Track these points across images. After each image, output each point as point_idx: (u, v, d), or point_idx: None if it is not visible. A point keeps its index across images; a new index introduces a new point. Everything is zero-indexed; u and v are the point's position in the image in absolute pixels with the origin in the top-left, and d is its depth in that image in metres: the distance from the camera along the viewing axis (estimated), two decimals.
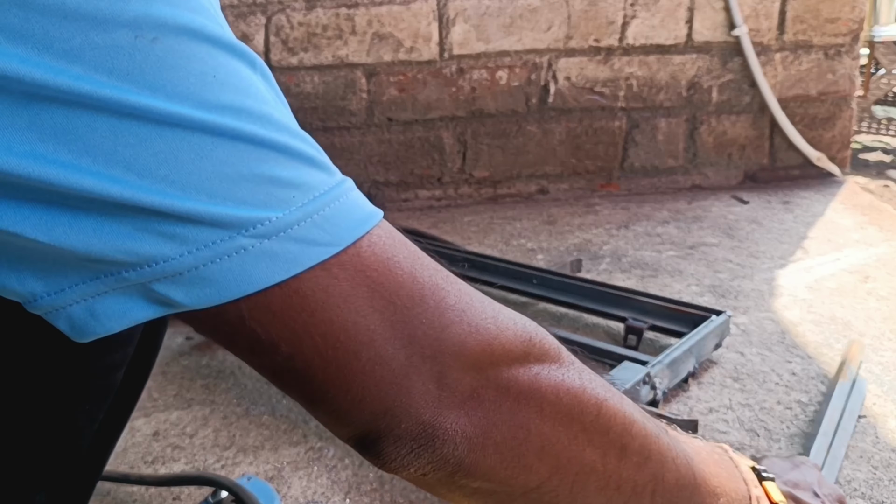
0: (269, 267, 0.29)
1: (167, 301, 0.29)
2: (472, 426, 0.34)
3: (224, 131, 0.28)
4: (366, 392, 0.32)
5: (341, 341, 0.31)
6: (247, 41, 1.71)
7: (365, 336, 0.32)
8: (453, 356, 0.33)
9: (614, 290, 1.13)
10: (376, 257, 0.33)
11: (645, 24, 1.76)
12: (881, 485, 0.76)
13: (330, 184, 0.32)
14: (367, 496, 0.77)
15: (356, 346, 0.32)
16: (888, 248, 1.42)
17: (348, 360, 0.32)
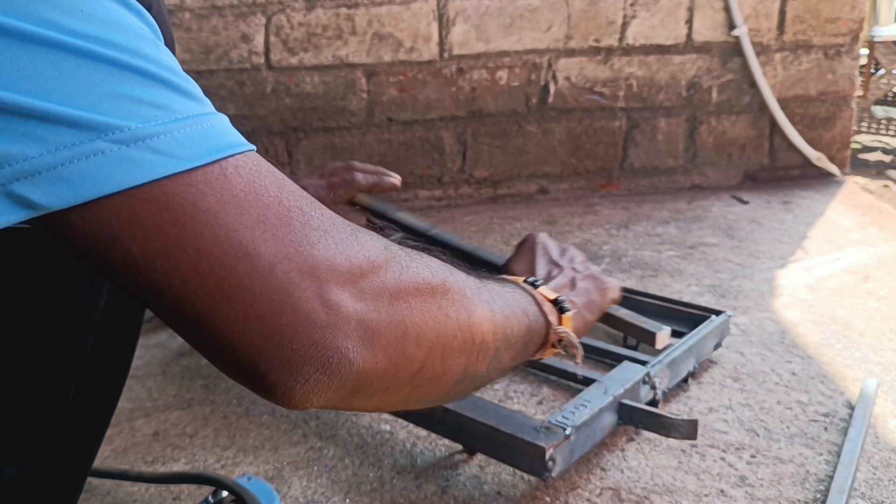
0: (126, 171, 0.31)
1: (28, 202, 0.30)
2: (361, 339, 0.37)
3: (88, 54, 0.31)
4: (249, 310, 0.33)
5: (215, 254, 0.33)
6: (247, 41, 1.71)
7: (239, 249, 0.33)
8: (328, 272, 0.36)
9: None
10: (241, 179, 0.34)
11: (645, 24, 1.76)
12: (881, 485, 0.76)
13: (197, 111, 0.34)
14: (367, 496, 0.77)
15: (231, 260, 0.33)
16: (888, 248, 1.42)
17: (226, 275, 0.33)
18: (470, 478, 0.80)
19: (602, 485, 0.78)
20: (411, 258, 0.44)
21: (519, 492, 0.77)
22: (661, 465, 0.81)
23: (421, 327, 0.42)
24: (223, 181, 0.34)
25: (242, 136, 0.37)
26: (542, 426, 0.74)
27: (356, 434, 0.88)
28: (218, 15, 1.69)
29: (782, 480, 0.77)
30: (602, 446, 0.84)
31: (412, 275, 0.42)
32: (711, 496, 0.75)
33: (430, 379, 0.44)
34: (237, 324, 0.34)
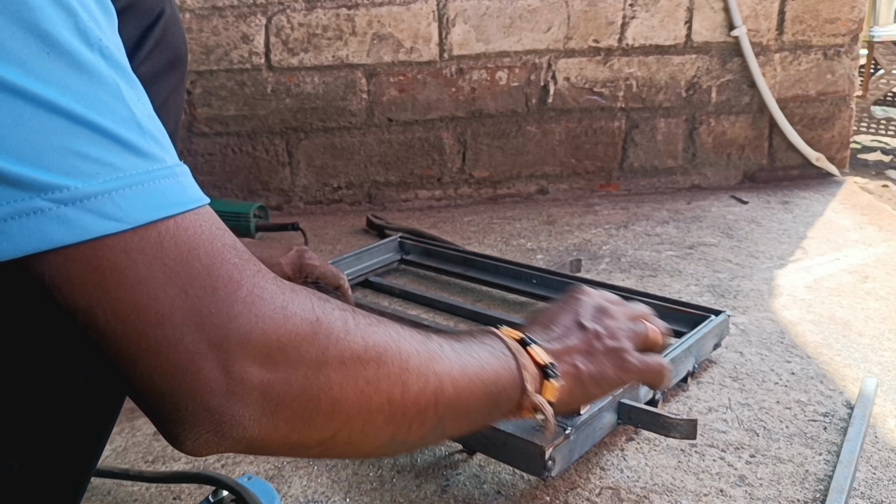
0: (62, 230, 0.32)
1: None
2: (261, 410, 0.38)
3: (44, 103, 0.31)
4: (153, 371, 0.36)
5: (131, 319, 0.35)
6: (247, 41, 1.71)
7: (154, 318, 0.35)
8: (239, 345, 0.37)
9: (614, 290, 1.13)
10: (176, 246, 0.36)
11: (644, 24, 1.76)
12: (881, 484, 0.76)
13: (141, 168, 0.35)
14: (367, 496, 0.78)
15: (144, 326, 0.35)
16: (887, 248, 1.42)
17: (136, 339, 0.35)
18: (470, 477, 0.80)
19: (601, 484, 0.78)
20: (348, 329, 0.43)
21: (518, 491, 0.77)
22: (660, 464, 0.81)
23: (338, 400, 0.42)
24: (156, 249, 0.35)
25: (197, 191, 0.38)
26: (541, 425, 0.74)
27: None
28: (218, 15, 1.69)
29: (781, 480, 0.77)
30: (601, 446, 0.84)
31: (341, 348, 0.42)
32: (711, 496, 0.75)
33: (344, 444, 0.44)
34: (142, 379, 0.36)
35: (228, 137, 1.77)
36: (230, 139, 1.77)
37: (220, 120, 1.75)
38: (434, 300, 1.21)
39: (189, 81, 1.71)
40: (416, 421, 0.48)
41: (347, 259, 1.31)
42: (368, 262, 1.36)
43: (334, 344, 0.42)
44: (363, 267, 1.34)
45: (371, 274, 1.33)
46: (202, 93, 1.73)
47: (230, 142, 1.77)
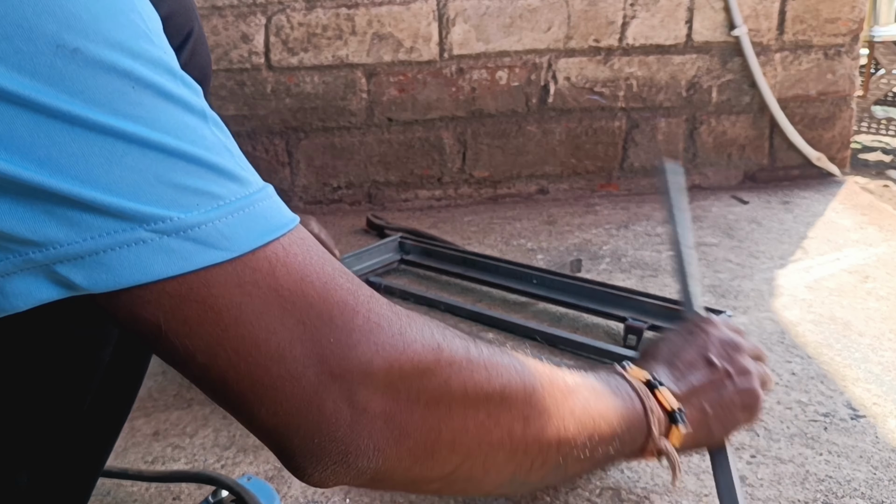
0: (165, 261, 0.32)
1: (68, 283, 0.31)
2: (385, 440, 0.37)
3: (135, 139, 0.31)
4: (278, 407, 0.35)
5: (253, 356, 0.34)
6: (247, 41, 1.71)
7: (276, 352, 0.34)
8: (361, 375, 0.36)
9: (614, 290, 1.13)
10: (289, 274, 0.35)
11: (645, 24, 1.76)
12: (881, 485, 0.76)
13: (240, 194, 0.34)
14: (366, 496, 0.77)
15: (267, 362, 0.34)
16: (888, 248, 1.42)
17: (260, 376, 0.34)
18: None
19: (602, 485, 0.78)
20: (471, 359, 0.41)
21: None
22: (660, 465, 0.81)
23: (460, 433, 0.41)
24: (270, 279, 0.34)
25: (288, 209, 0.37)
26: None
27: None
28: (218, 15, 1.69)
29: (782, 480, 0.77)
30: None
31: (463, 380, 0.41)
32: (711, 496, 0.75)
33: (465, 479, 0.43)
34: (267, 416, 0.35)
35: None
36: None
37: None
38: (434, 300, 1.21)
39: None
40: (537, 459, 0.46)
41: (348, 259, 1.31)
42: (368, 262, 1.36)
43: (457, 373, 0.40)
44: (363, 267, 1.34)
45: (371, 274, 1.33)
46: None
47: None
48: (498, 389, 0.42)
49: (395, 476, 0.39)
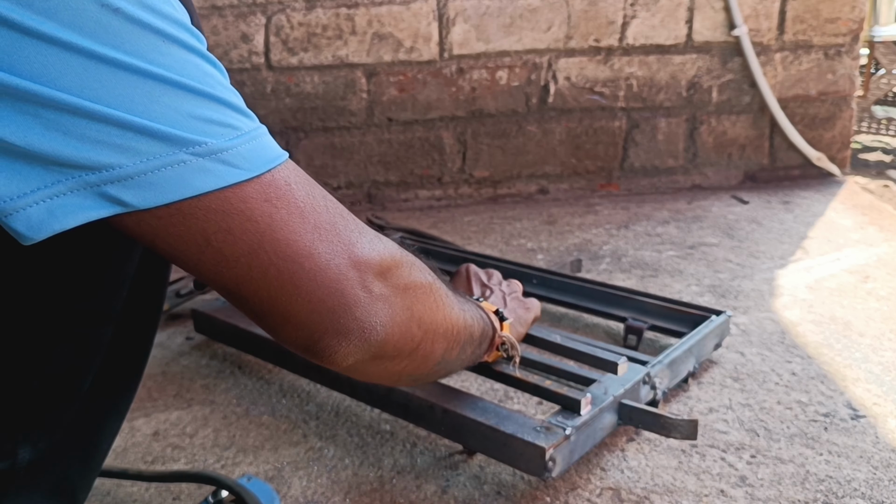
0: (203, 179, 0.38)
1: (119, 201, 0.36)
2: (386, 316, 0.48)
3: (169, 82, 0.37)
4: (311, 295, 0.43)
5: (288, 255, 0.42)
6: (247, 41, 1.71)
7: (304, 250, 0.42)
8: (366, 265, 0.46)
9: (614, 290, 1.13)
10: (299, 191, 0.43)
11: (645, 24, 1.76)
12: (881, 485, 0.76)
13: (250, 126, 0.41)
14: (367, 496, 0.77)
15: (300, 258, 0.42)
16: (888, 248, 1.42)
17: (296, 270, 0.42)
18: (470, 478, 0.80)
19: (602, 485, 0.78)
20: (414, 261, 0.54)
21: (519, 492, 0.77)
22: (661, 465, 0.81)
23: (421, 314, 0.53)
24: (287, 194, 0.42)
25: (277, 145, 0.44)
26: (542, 426, 0.74)
27: (356, 434, 0.88)
28: (218, 15, 1.69)
29: (782, 480, 0.77)
30: (602, 446, 0.84)
31: (416, 273, 0.53)
32: (711, 496, 0.75)
33: (421, 356, 0.55)
34: (303, 305, 0.43)
35: None
36: None
37: None
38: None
39: None
40: (454, 339, 0.60)
41: None
42: None
43: (412, 270, 0.52)
44: None
45: None
46: None
47: None
48: (431, 282, 0.55)
49: (387, 349, 0.49)
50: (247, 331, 1.01)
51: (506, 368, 0.83)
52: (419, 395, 0.81)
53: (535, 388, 0.83)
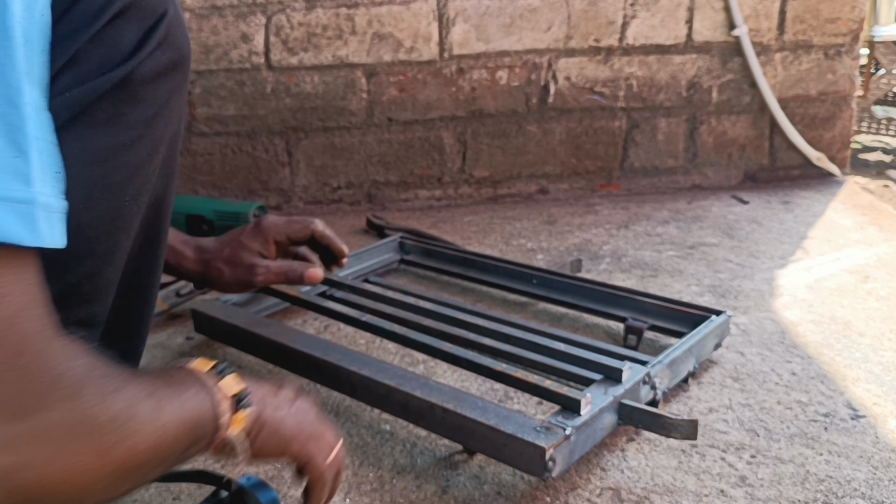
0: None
1: None
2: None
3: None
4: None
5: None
6: (247, 41, 1.71)
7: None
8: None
9: (614, 290, 1.13)
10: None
11: (645, 24, 1.76)
12: (881, 485, 0.76)
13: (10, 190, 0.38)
14: (367, 496, 0.77)
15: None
16: (888, 248, 1.42)
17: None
18: (470, 478, 0.80)
19: (602, 485, 0.78)
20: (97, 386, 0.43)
21: (519, 492, 0.77)
22: (661, 465, 0.81)
23: (52, 466, 0.41)
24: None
25: (29, 229, 0.39)
26: (542, 426, 0.74)
27: (356, 434, 0.88)
28: (218, 15, 1.69)
29: (782, 480, 0.77)
30: (602, 446, 0.84)
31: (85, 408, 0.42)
32: (711, 496, 0.75)
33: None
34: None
35: (228, 137, 1.76)
36: (230, 139, 1.77)
37: (219, 119, 1.75)
38: (434, 300, 1.21)
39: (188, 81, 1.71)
40: (121, 477, 0.47)
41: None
42: (368, 262, 1.36)
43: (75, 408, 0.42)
44: (363, 267, 1.34)
45: (371, 274, 1.33)
46: (201, 92, 1.73)
47: (230, 141, 1.77)
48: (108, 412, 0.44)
49: (35, 492, 0.40)
50: (247, 331, 1.01)
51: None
52: (419, 395, 0.82)
53: (535, 388, 0.83)
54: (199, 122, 1.75)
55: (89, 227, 0.53)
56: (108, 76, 0.51)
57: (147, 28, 0.54)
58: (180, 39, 0.57)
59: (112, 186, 0.54)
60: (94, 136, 0.52)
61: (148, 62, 0.54)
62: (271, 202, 1.81)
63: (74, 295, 0.54)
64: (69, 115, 0.50)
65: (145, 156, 0.56)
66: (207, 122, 1.75)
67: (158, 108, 0.56)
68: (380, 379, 0.85)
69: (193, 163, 1.77)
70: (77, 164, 0.50)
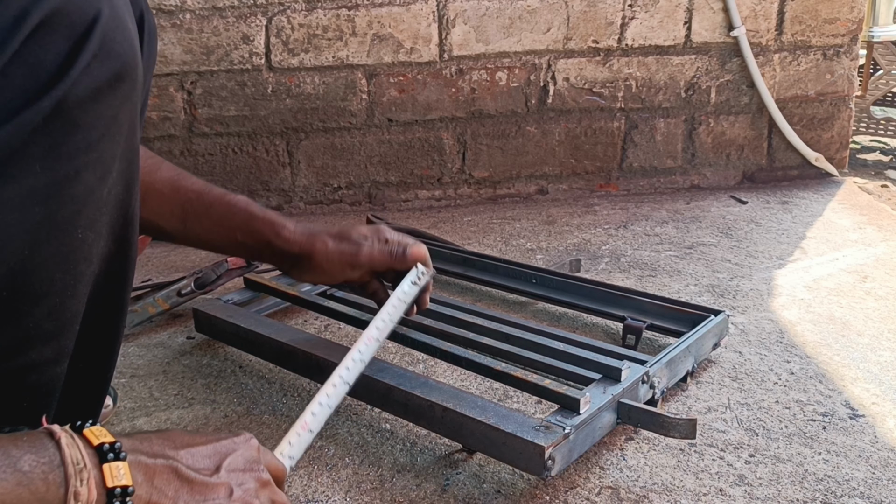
0: None
1: None
2: None
3: None
4: None
5: None
6: (248, 42, 1.71)
7: None
8: None
9: (613, 290, 1.13)
10: None
11: (644, 24, 1.76)
12: (880, 484, 0.77)
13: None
14: (367, 495, 0.78)
15: None
16: (886, 248, 1.43)
17: None
18: (470, 476, 0.80)
19: (601, 483, 0.78)
20: None
21: (518, 490, 0.78)
22: (659, 464, 0.81)
23: None
24: None
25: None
26: (541, 425, 0.75)
27: (356, 433, 0.89)
28: (219, 16, 1.69)
29: (781, 480, 0.78)
30: (601, 445, 0.84)
31: None
32: (710, 495, 0.76)
33: None
34: None
35: (229, 138, 1.77)
36: (230, 139, 1.77)
37: (220, 120, 1.75)
38: (434, 300, 1.21)
39: (190, 82, 1.71)
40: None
41: None
42: None
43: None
44: None
45: None
46: (203, 93, 1.74)
47: (231, 142, 1.77)
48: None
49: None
50: (248, 330, 1.01)
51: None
52: (419, 395, 0.82)
53: (534, 388, 0.83)
54: (200, 123, 1.75)
55: (40, 270, 0.48)
56: (38, 106, 0.44)
57: (76, 38, 0.45)
58: (121, 45, 0.48)
59: (59, 223, 0.48)
60: (29, 175, 0.45)
61: (83, 80, 0.45)
62: (272, 202, 1.81)
63: (36, 336, 0.50)
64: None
65: (95, 182, 0.50)
66: (208, 123, 1.75)
67: (104, 129, 0.49)
68: (380, 378, 0.86)
69: (194, 163, 1.77)
70: (13, 209, 0.45)
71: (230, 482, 0.50)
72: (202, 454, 0.50)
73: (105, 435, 0.44)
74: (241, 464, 0.52)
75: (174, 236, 0.82)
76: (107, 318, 0.58)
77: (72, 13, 0.45)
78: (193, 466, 0.48)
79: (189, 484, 0.48)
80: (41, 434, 0.43)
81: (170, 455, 0.48)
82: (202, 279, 1.23)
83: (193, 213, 0.80)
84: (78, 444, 0.43)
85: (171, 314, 1.22)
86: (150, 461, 0.46)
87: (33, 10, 0.43)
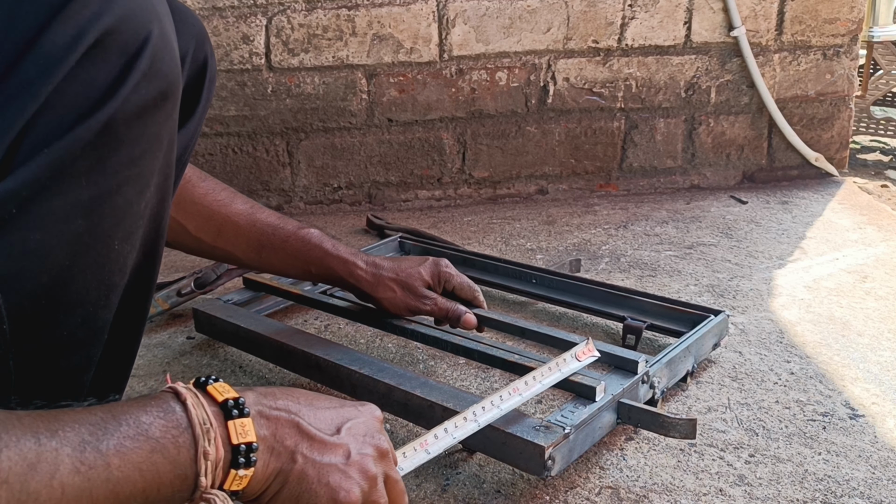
0: None
1: None
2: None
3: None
4: None
5: None
6: (248, 42, 1.71)
7: None
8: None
9: (613, 290, 1.13)
10: None
11: (644, 24, 1.76)
12: (880, 484, 0.77)
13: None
14: None
15: None
16: (886, 248, 1.43)
17: None
18: (470, 476, 0.80)
19: (601, 483, 0.78)
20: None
21: (518, 490, 0.78)
22: (659, 464, 0.81)
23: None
24: None
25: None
26: (541, 425, 0.75)
27: None
28: (219, 16, 1.69)
29: (781, 480, 0.78)
30: (601, 445, 0.84)
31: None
32: (710, 495, 0.76)
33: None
34: None
35: (229, 138, 1.77)
36: (231, 139, 1.77)
37: (220, 120, 1.75)
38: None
39: None
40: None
41: None
42: None
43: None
44: None
45: None
46: None
47: (231, 142, 1.77)
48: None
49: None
50: (248, 330, 1.01)
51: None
52: (419, 395, 0.82)
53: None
54: None
55: (78, 280, 0.50)
56: (89, 123, 0.45)
57: (128, 58, 0.47)
58: (168, 65, 0.50)
59: (99, 236, 0.50)
60: (75, 189, 0.47)
61: (132, 98, 0.47)
62: (272, 202, 1.81)
63: (68, 345, 0.52)
64: (49, 173, 0.45)
65: (134, 196, 0.51)
66: (208, 123, 1.75)
67: (146, 146, 0.50)
68: (380, 378, 0.86)
69: (195, 163, 1.77)
70: (58, 221, 0.47)
71: (349, 445, 0.51)
72: (325, 414, 0.51)
73: (228, 391, 0.46)
74: (362, 430, 0.53)
75: (248, 265, 0.92)
76: (128, 325, 0.59)
77: (125, 32, 0.46)
78: (315, 424, 0.49)
79: (309, 439, 0.48)
80: (167, 395, 0.44)
81: (293, 410, 0.49)
82: (202, 279, 1.23)
83: (269, 245, 0.88)
84: (203, 404, 0.44)
85: (171, 314, 1.22)
86: (272, 413, 0.48)
87: (90, 29, 0.44)
